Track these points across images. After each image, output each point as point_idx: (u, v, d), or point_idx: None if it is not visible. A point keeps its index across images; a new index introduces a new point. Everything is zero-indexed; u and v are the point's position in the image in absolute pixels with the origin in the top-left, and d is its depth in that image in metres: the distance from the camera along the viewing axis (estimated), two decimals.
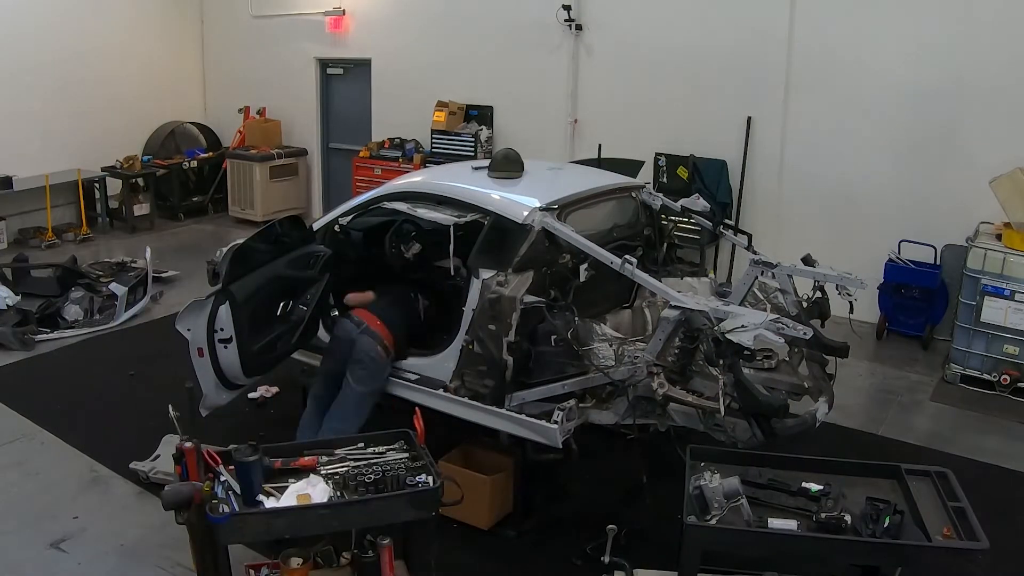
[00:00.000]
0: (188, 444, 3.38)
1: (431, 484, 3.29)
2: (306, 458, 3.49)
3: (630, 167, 6.25)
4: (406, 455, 3.51)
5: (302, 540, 3.46)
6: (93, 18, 10.54)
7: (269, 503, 3.21)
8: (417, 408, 3.73)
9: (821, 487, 3.19)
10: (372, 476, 3.33)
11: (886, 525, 3.00)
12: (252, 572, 3.63)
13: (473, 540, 4.22)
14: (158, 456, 4.90)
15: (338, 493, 3.28)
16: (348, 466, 3.43)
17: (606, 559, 3.54)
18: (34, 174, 9.73)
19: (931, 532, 3.02)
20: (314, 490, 3.27)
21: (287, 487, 3.29)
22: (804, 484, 3.23)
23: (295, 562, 3.43)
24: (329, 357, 4.75)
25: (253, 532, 3.26)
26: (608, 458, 4.82)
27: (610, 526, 3.60)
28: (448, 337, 4.50)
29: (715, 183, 7.97)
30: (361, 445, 3.58)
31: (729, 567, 3.39)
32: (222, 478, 3.27)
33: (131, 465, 4.84)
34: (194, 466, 3.34)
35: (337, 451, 3.55)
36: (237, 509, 3.13)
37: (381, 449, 3.56)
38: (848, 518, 3.04)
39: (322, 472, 3.39)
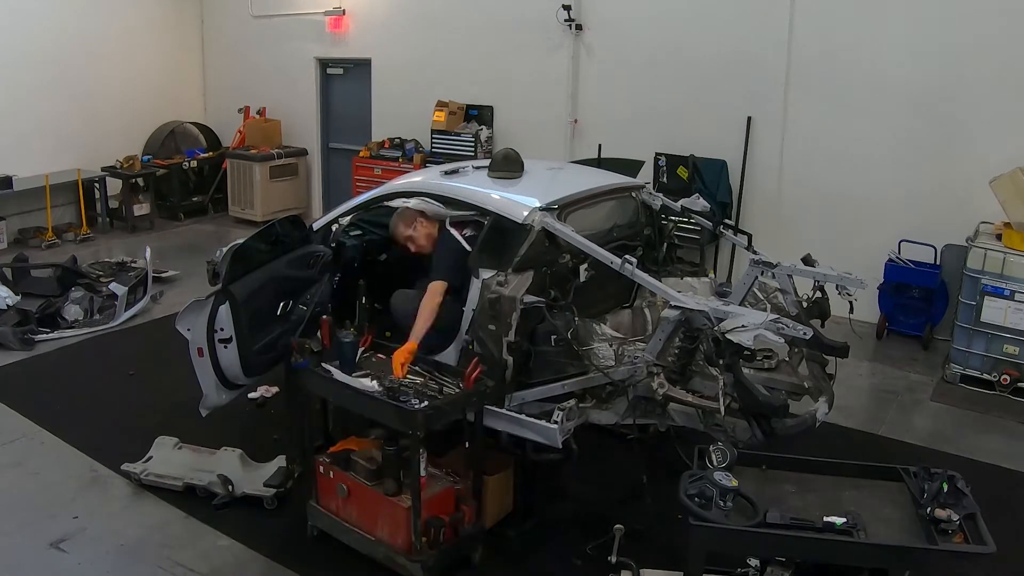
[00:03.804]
0: (325, 316, 4.39)
1: (415, 407, 3.70)
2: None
3: (630, 167, 6.25)
4: (438, 385, 4.02)
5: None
6: (93, 18, 10.55)
7: (348, 378, 4.02)
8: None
9: (844, 519, 3.07)
10: (387, 384, 3.87)
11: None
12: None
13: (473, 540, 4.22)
14: (150, 458, 4.90)
15: (381, 388, 3.91)
16: (405, 377, 4.04)
17: (613, 559, 3.53)
18: (34, 174, 9.74)
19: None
20: (371, 383, 3.99)
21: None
22: (827, 519, 3.08)
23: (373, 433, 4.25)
24: None
25: (315, 385, 4.18)
26: (608, 458, 4.83)
27: (617, 526, 3.60)
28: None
29: (715, 183, 7.97)
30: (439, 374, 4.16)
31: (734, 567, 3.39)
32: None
33: (123, 467, 4.84)
34: (326, 332, 4.27)
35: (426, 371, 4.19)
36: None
37: (444, 379, 4.12)
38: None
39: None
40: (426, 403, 3.76)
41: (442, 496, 4.00)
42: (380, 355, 4.36)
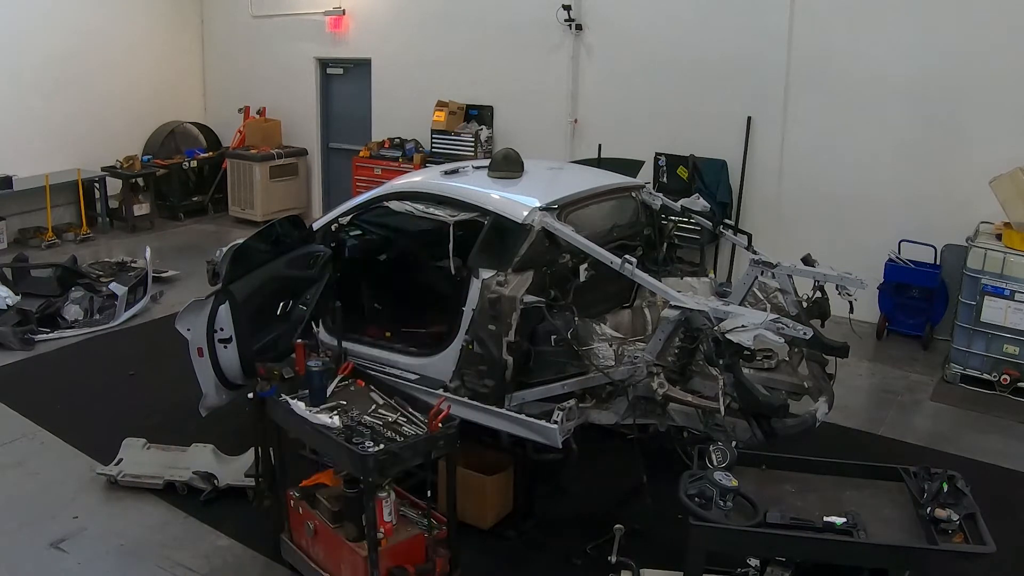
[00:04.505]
0: (299, 340, 4.22)
1: (367, 451, 3.45)
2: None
3: (630, 167, 6.25)
4: (406, 425, 3.79)
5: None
6: (93, 18, 10.56)
7: (306, 412, 3.79)
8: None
9: (844, 519, 3.06)
10: (345, 423, 3.67)
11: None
12: None
13: (473, 540, 4.22)
14: (120, 460, 4.91)
15: (342, 426, 3.69)
16: (370, 413, 3.84)
17: (613, 559, 3.52)
18: (34, 174, 9.74)
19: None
20: (332, 418, 3.74)
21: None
22: (826, 519, 3.06)
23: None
24: None
25: (277, 416, 3.93)
26: (608, 458, 4.83)
27: (617, 526, 3.59)
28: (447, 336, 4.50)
29: (715, 183, 7.97)
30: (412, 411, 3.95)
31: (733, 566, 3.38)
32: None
33: (97, 471, 4.84)
34: (301, 358, 4.06)
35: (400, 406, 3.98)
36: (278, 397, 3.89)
37: (416, 417, 3.88)
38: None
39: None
40: (381, 447, 3.50)
41: (409, 544, 3.72)
42: (360, 382, 4.18)
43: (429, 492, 3.75)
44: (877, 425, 5.79)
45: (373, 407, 3.94)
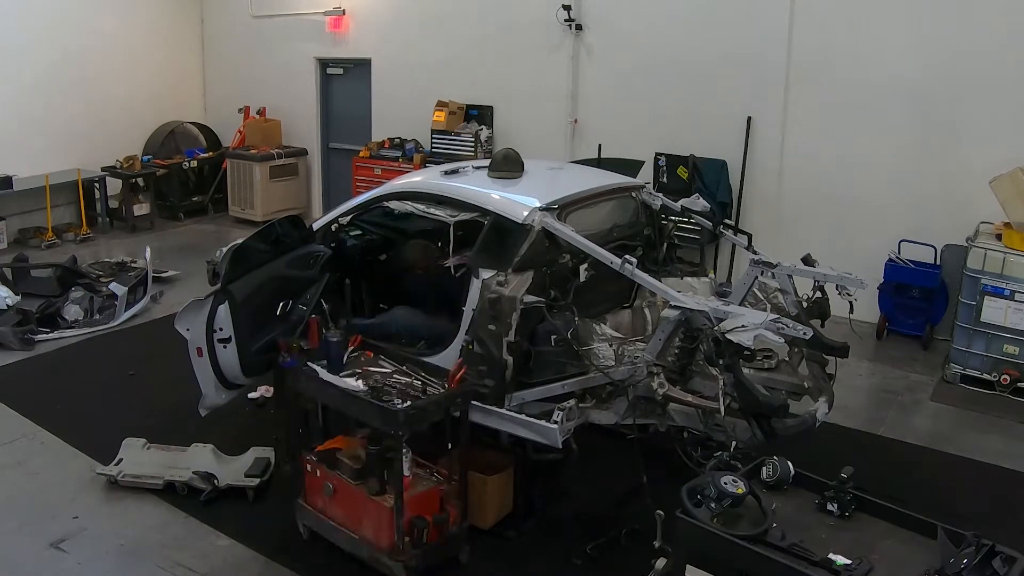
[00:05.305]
0: (313, 316, 4.49)
1: (397, 407, 3.72)
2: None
3: (630, 167, 6.25)
4: (426, 387, 4.07)
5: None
6: (93, 18, 10.56)
7: (335, 378, 4.01)
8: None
9: (848, 562, 2.72)
10: (372, 384, 3.95)
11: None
12: None
13: (473, 540, 4.22)
14: (120, 460, 4.91)
15: (365, 388, 3.94)
16: (390, 376, 4.14)
17: (657, 544, 3.37)
18: (34, 174, 9.74)
19: None
20: (357, 383, 3.99)
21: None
22: (830, 555, 2.76)
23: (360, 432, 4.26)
24: None
25: (300, 385, 4.19)
26: (608, 458, 4.83)
27: (657, 511, 3.38)
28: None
29: (715, 183, 7.97)
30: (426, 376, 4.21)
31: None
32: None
33: (97, 471, 4.84)
34: (315, 332, 4.36)
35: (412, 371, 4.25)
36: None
37: (430, 380, 4.15)
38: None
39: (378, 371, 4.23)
40: (408, 403, 3.78)
41: (426, 496, 3.98)
42: (369, 352, 4.41)
43: (450, 444, 4.03)
44: (877, 425, 5.79)
45: (389, 373, 4.20)
